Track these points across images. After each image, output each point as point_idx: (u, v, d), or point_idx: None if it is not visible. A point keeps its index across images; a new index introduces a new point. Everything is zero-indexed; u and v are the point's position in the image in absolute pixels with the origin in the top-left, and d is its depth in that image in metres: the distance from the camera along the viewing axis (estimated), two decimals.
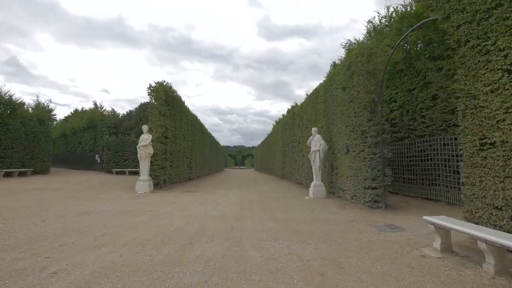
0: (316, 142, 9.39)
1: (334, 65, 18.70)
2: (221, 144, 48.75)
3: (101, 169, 21.40)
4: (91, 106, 26.51)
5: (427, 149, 8.75)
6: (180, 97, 14.84)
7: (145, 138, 10.08)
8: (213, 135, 33.31)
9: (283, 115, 40.50)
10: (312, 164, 9.51)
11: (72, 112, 31.72)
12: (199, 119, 21.33)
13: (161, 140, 11.69)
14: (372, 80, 7.35)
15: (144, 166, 10.13)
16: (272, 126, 37.62)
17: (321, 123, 10.88)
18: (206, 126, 27.38)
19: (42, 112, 17.65)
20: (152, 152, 10.22)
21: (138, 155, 10.08)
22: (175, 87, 15.30)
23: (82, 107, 28.66)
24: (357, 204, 7.83)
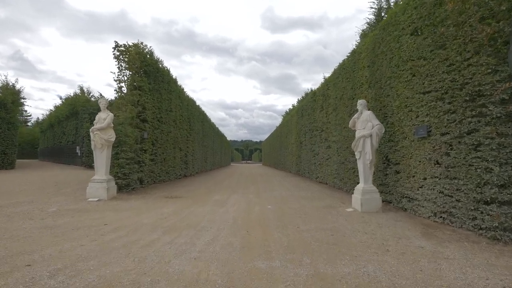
0: (365, 123, 5.90)
1: (364, 34, 14.96)
2: (228, 139, 45.58)
3: (81, 163, 18.04)
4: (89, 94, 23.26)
5: None
6: (168, 71, 11.43)
7: (103, 118, 6.67)
8: (219, 129, 30.02)
9: (293, 106, 36.85)
10: (357, 157, 6.02)
11: (63, 100, 28.56)
12: (198, 105, 17.90)
13: (135, 123, 8.32)
14: None
15: (101, 160, 6.64)
16: (282, 118, 34.15)
17: (364, 97, 7.35)
18: (213, 121, 24.04)
19: (5, 94, 14.21)
20: (114, 139, 6.75)
21: (92, 143, 6.61)
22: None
23: (71, 94, 25.37)
24: (452, 227, 4.34)
